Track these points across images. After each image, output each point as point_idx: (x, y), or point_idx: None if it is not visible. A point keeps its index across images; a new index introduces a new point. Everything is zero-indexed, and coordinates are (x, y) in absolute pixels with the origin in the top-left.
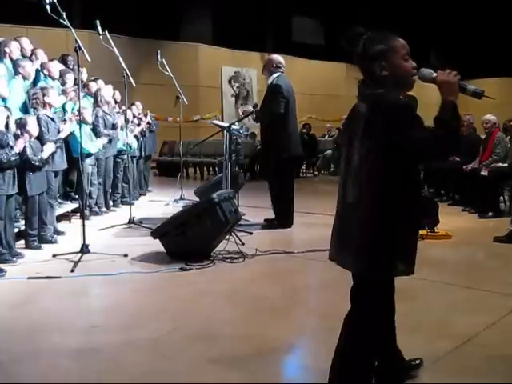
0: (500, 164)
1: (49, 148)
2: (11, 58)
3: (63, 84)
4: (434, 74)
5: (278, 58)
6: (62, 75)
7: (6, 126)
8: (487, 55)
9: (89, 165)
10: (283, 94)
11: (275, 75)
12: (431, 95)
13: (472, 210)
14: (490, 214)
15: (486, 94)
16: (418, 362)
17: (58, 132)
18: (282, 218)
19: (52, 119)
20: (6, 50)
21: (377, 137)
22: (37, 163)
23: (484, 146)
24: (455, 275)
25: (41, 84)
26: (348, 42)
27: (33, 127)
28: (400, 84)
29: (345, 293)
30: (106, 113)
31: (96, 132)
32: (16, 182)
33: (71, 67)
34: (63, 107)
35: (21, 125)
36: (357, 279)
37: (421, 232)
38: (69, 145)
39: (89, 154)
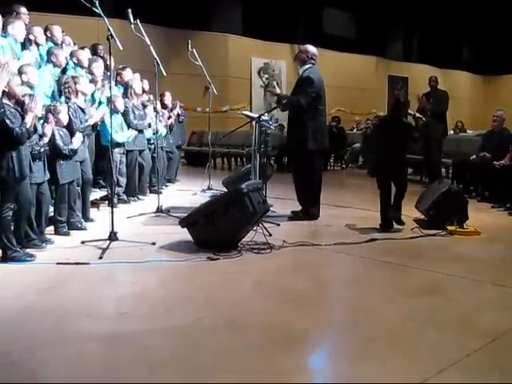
0: None
1: (78, 138)
2: (37, 44)
3: (91, 73)
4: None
5: (313, 49)
6: (89, 64)
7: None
8: None
9: (117, 153)
10: (313, 86)
11: (306, 66)
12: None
13: (502, 207)
14: None
15: None
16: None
17: (86, 121)
18: (309, 210)
19: (82, 109)
20: (31, 37)
21: None
22: (66, 152)
23: None
24: (484, 272)
25: (70, 72)
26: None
27: (63, 115)
28: None
29: (371, 286)
30: (135, 106)
31: (127, 122)
32: (47, 169)
33: (102, 56)
34: (92, 96)
35: (51, 111)
36: None
37: (450, 228)
38: (99, 133)
39: (118, 143)
